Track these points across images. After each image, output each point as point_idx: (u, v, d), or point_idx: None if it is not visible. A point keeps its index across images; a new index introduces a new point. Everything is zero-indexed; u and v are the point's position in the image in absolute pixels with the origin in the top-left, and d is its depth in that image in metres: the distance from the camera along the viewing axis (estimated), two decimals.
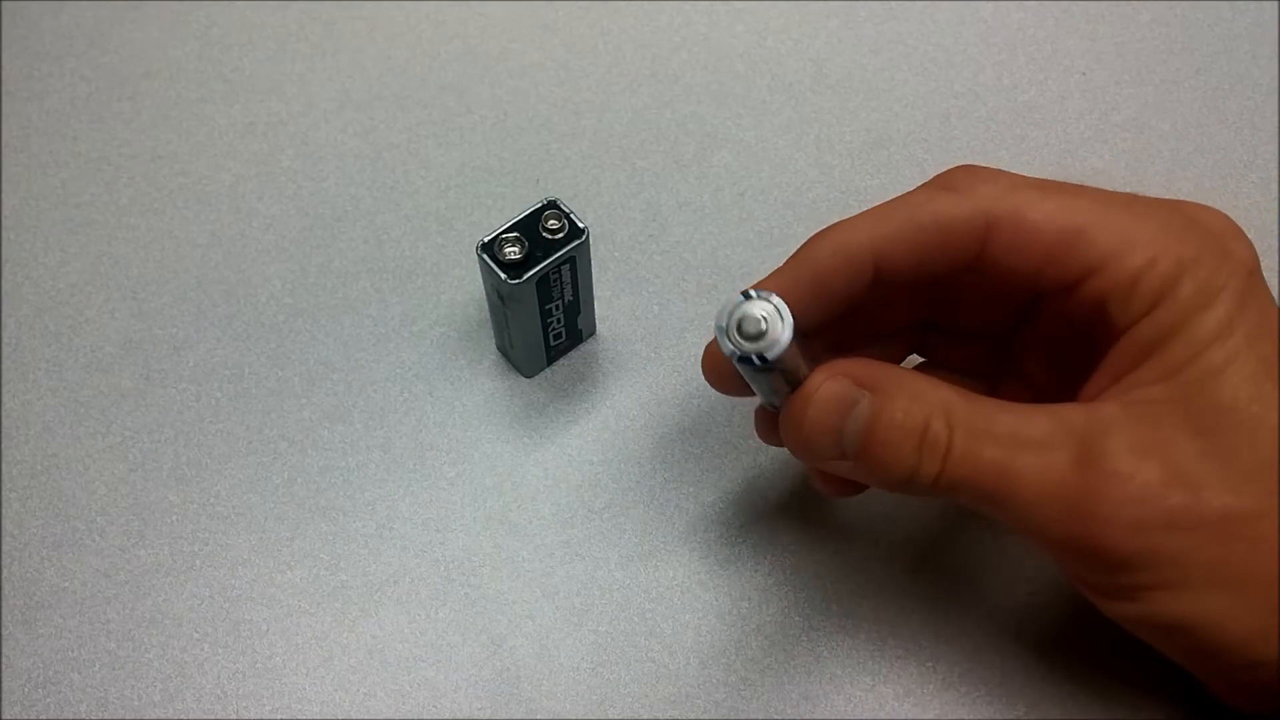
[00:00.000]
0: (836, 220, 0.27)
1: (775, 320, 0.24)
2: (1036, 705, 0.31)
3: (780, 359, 0.24)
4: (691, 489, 0.34)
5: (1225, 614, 0.24)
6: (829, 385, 0.25)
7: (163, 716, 0.31)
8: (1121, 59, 0.42)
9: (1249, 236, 0.26)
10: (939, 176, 0.28)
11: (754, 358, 0.24)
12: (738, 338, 0.24)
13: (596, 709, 0.31)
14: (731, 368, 0.25)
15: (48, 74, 0.43)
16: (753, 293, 0.24)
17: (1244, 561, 0.24)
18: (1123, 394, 0.25)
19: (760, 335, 0.24)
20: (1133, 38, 0.43)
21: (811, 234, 0.28)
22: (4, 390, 0.36)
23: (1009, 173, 0.27)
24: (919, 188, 0.28)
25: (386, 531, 0.33)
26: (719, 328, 0.24)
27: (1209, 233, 0.26)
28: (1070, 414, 0.25)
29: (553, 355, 0.36)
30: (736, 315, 0.24)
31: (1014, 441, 0.24)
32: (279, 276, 0.38)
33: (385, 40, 0.43)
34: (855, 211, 0.27)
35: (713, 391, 0.35)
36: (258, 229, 0.39)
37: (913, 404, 0.25)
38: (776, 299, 0.24)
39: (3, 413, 0.35)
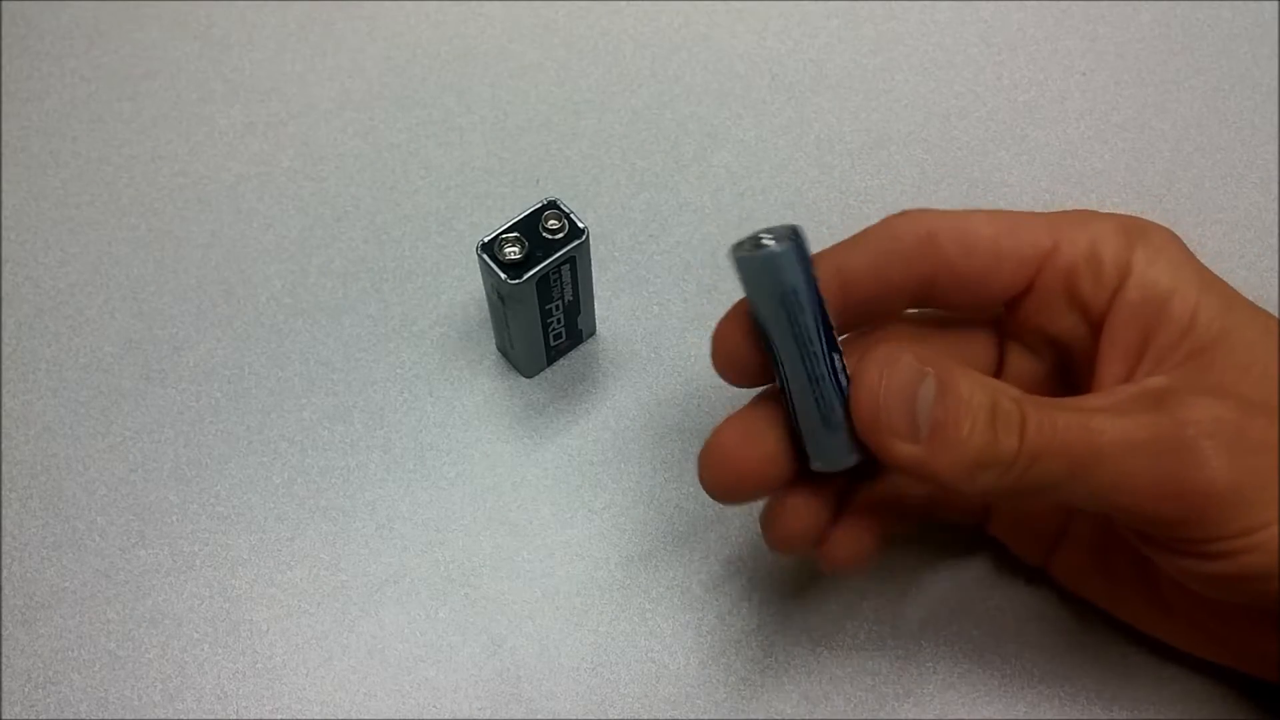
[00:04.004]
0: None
1: (781, 227, 0.24)
2: (1036, 705, 0.31)
3: (793, 266, 0.24)
4: (691, 489, 0.34)
5: None
6: (907, 355, 0.24)
7: (163, 716, 0.31)
8: (1121, 59, 0.42)
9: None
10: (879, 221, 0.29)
11: (763, 238, 0.24)
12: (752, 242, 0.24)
13: (596, 709, 0.31)
14: (745, 351, 0.25)
15: (48, 74, 0.43)
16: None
17: None
18: (1156, 366, 0.26)
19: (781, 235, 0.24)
20: (1133, 38, 0.43)
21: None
22: (4, 390, 0.36)
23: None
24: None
25: (386, 531, 0.33)
26: (738, 246, 0.24)
27: (1128, 215, 0.28)
28: (1122, 387, 0.25)
29: (553, 355, 0.36)
30: (751, 240, 0.24)
31: (1084, 409, 0.24)
32: (279, 276, 0.38)
33: (385, 40, 0.43)
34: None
35: (713, 392, 0.35)
36: (258, 229, 0.39)
37: (975, 385, 0.24)
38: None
39: (3, 413, 0.35)
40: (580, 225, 0.32)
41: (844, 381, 0.25)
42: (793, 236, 0.24)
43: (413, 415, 0.35)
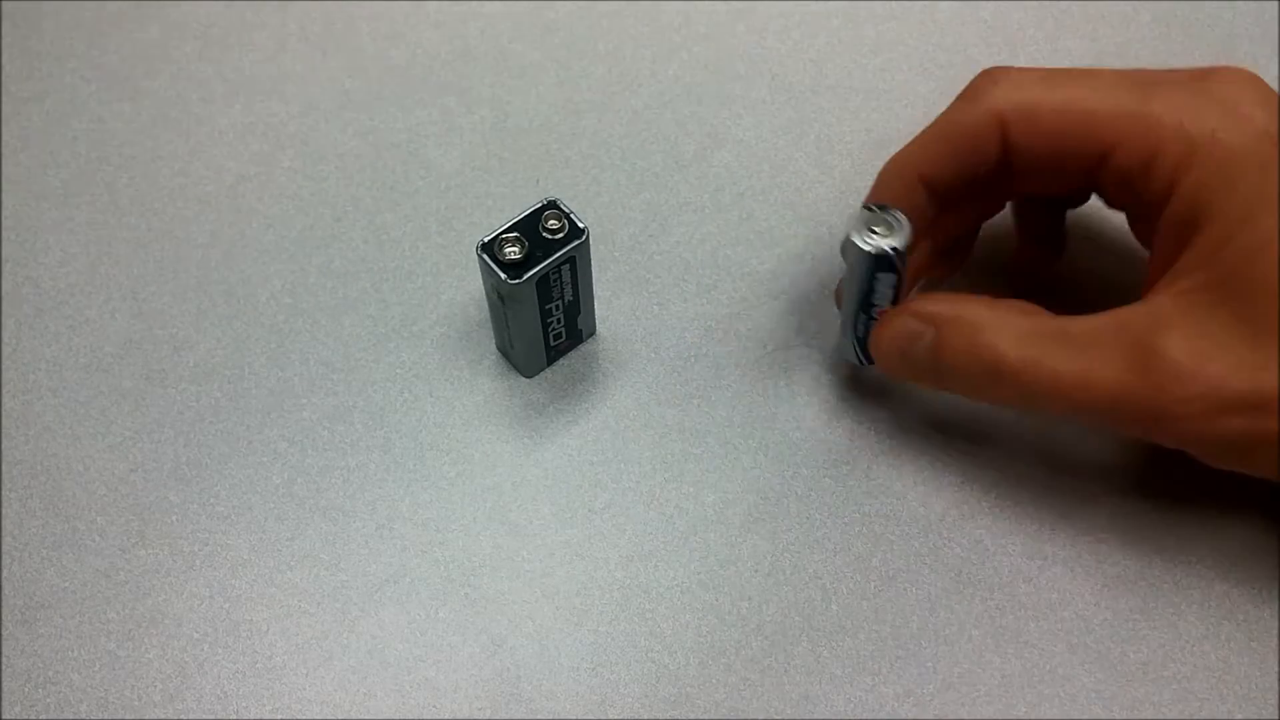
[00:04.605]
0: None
1: (899, 221, 0.30)
2: (1036, 706, 0.31)
3: (904, 254, 0.29)
4: (691, 489, 0.34)
5: None
6: (894, 322, 0.30)
7: (163, 716, 0.31)
8: (1121, 59, 0.42)
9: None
10: (965, 88, 0.31)
11: (889, 250, 0.29)
12: (876, 237, 0.29)
13: (596, 709, 0.31)
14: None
15: (48, 74, 0.43)
16: (873, 206, 0.30)
17: None
18: (1172, 285, 0.27)
19: (891, 230, 0.29)
20: (1133, 38, 0.43)
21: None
22: (4, 390, 0.36)
23: (1023, 70, 0.30)
24: (951, 104, 0.31)
25: (386, 531, 0.33)
26: (853, 232, 0.29)
27: (1223, 103, 0.27)
28: (1130, 316, 0.27)
29: (553, 355, 0.36)
30: (865, 218, 0.30)
31: (1082, 354, 0.26)
32: (279, 276, 0.38)
33: (385, 40, 0.43)
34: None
35: (713, 392, 0.35)
36: (258, 229, 0.39)
37: (977, 332, 0.28)
38: (894, 210, 0.30)
39: (3, 413, 0.35)
40: (580, 225, 0.32)
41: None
42: (885, 249, 0.29)
43: (413, 415, 0.35)
